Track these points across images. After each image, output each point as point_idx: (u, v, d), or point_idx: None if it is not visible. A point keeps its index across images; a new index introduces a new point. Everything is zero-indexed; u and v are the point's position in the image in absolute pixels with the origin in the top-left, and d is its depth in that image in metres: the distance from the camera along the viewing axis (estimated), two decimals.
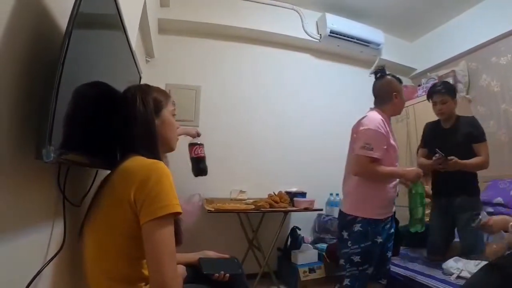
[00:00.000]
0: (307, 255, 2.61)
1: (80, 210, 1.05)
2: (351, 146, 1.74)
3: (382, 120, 1.64)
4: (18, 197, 0.69)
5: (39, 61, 0.75)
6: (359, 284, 1.61)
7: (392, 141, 1.67)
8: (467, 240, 2.01)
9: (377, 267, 1.67)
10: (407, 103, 3.55)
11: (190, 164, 1.92)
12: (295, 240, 2.85)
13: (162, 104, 1.05)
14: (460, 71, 3.30)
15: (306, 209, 2.64)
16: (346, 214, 1.68)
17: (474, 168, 2.02)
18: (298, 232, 2.92)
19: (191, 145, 2.12)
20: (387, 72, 1.81)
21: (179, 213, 0.81)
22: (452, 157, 1.94)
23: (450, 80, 3.16)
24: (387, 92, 1.74)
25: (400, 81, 1.81)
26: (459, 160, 1.94)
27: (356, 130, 1.69)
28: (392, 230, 1.76)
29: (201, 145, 2.12)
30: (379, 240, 1.61)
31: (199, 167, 2.10)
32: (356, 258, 1.60)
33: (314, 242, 3.07)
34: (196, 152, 2.07)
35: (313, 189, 2.99)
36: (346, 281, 1.63)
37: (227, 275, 1.17)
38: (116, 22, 1.08)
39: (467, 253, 1.93)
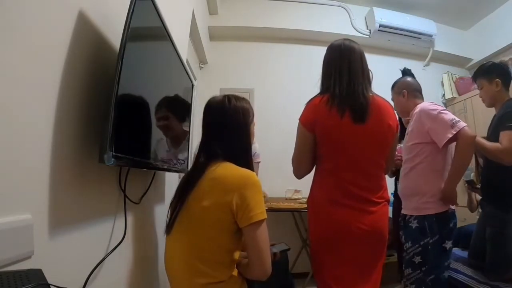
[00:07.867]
0: None
1: (139, 208, 1.18)
2: None
3: None
4: (83, 195, 0.80)
5: (99, 79, 0.86)
6: None
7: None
8: (489, 255, 1.67)
9: None
10: (464, 96, 3.32)
11: None
12: None
13: (252, 116, 1.14)
14: None
15: None
16: None
17: (488, 154, 1.58)
18: None
19: None
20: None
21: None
22: None
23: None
24: None
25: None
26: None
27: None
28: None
29: None
30: None
31: None
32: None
33: None
34: None
35: None
36: None
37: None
38: (162, 34, 1.17)
39: (488, 272, 1.67)
